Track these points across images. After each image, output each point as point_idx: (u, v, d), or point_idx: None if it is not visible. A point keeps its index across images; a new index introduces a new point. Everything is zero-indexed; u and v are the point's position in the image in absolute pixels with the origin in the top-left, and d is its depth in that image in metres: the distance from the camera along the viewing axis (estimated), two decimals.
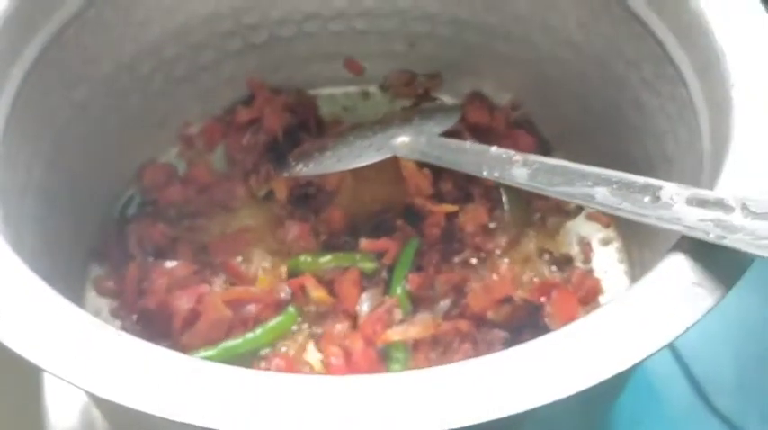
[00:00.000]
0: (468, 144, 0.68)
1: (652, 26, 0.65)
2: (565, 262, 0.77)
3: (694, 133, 0.60)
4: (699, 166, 0.58)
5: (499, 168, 0.61)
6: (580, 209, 0.80)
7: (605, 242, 0.78)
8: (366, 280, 0.74)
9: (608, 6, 0.68)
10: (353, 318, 0.72)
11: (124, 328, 0.72)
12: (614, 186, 0.52)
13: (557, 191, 0.56)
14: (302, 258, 0.75)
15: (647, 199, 0.49)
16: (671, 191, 0.48)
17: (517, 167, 0.60)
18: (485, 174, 0.61)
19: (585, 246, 0.78)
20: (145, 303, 0.71)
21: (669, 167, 0.66)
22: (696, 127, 0.60)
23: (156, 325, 0.71)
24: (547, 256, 0.77)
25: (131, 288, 0.73)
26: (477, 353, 0.69)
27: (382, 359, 0.70)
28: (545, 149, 0.82)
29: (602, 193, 0.52)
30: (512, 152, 0.62)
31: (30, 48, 0.62)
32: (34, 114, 0.63)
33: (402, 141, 0.74)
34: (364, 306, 0.72)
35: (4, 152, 0.57)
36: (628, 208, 0.50)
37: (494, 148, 0.64)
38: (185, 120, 0.84)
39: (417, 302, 0.72)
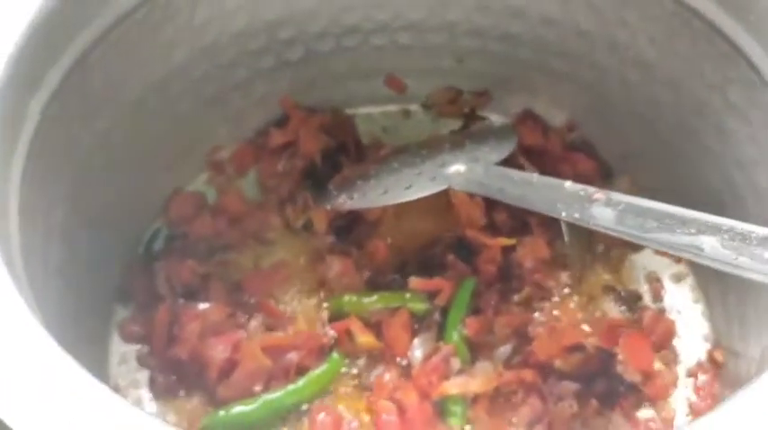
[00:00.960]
0: (536, 176, 0.61)
1: (742, 45, 0.58)
2: (633, 300, 0.70)
3: None
4: None
5: (578, 208, 0.54)
6: None
7: (677, 278, 0.71)
8: (417, 322, 0.68)
9: (688, 23, 0.62)
10: (405, 365, 0.66)
11: (153, 378, 0.66)
12: (725, 236, 0.45)
13: (652, 238, 0.49)
14: (346, 298, 0.69)
15: None
16: None
17: (599, 206, 0.54)
18: (563, 215, 0.55)
19: (655, 283, 0.71)
20: (176, 352, 0.65)
21: (762, 201, 0.60)
22: None
23: (189, 374, 0.65)
24: (613, 294, 0.70)
25: (160, 333, 0.66)
26: (545, 407, 0.63)
27: (438, 412, 0.63)
28: (606, 174, 0.76)
29: (710, 244, 0.45)
30: (591, 188, 0.56)
31: (51, 74, 0.56)
32: (54, 150, 0.57)
33: (456, 170, 0.68)
34: (417, 352, 0.66)
35: (24, 200, 0.51)
36: (747, 264, 0.43)
37: (568, 183, 0.57)
38: (215, 145, 0.77)
39: (475, 348, 0.66)
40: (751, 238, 0.44)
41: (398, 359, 0.66)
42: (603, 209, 0.53)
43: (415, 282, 0.68)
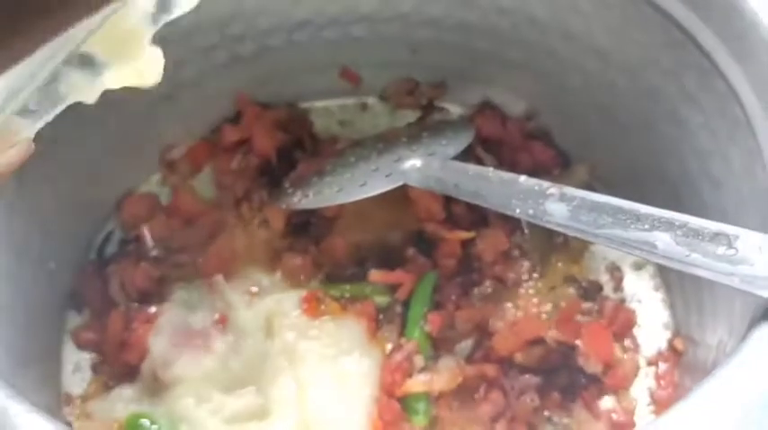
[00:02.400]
0: (491, 171, 0.60)
1: (695, 33, 0.58)
2: (594, 290, 0.70)
3: (752, 157, 0.53)
4: (764, 197, 0.51)
5: (532, 204, 0.54)
6: None
7: (637, 266, 0.71)
8: (378, 315, 0.67)
9: (640, 10, 0.61)
10: None
11: (108, 386, 0.64)
12: (678, 232, 0.45)
13: (605, 235, 0.48)
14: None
15: (720, 250, 0.42)
16: (752, 241, 0.41)
17: (553, 202, 0.53)
18: (517, 212, 0.54)
19: (615, 272, 0.71)
20: (127, 358, 0.64)
21: (717, 191, 0.59)
22: (755, 150, 0.53)
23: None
24: (574, 285, 0.70)
25: (113, 339, 0.65)
26: (507, 402, 0.62)
27: (404, 408, 0.63)
28: (565, 163, 0.75)
29: (664, 241, 0.45)
30: (545, 183, 0.55)
31: None
32: None
33: (412, 165, 0.66)
34: None
35: None
36: (699, 261, 0.43)
37: (523, 178, 0.57)
38: (167, 144, 0.75)
39: (437, 343, 0.65)
40: (704, 234, 0.43)
41: None
42: (557, 204, 0.52)
43: (375, 274, 0.67)
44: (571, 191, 0.53)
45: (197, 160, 0.76)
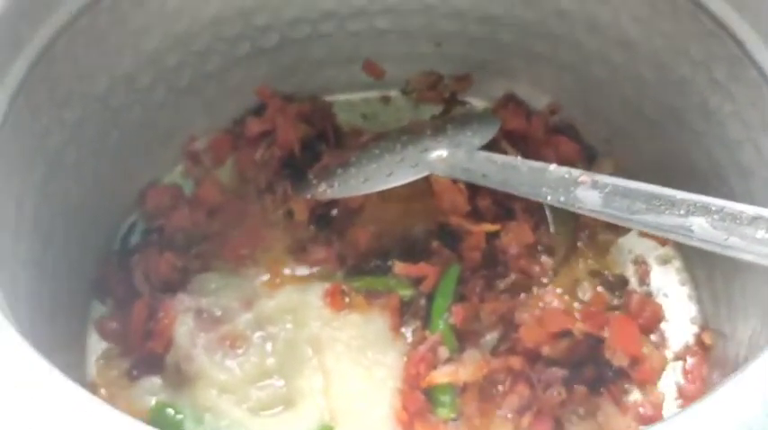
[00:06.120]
0: (520, 160, 0.59)
1: (727, 22, 0.57)
2: (620, 284, 0.69)
3: None
4: None
5: (563, 191, 0.53)
6: None
7: (663, 261, 0.71)
8: (403, 308, 0.67)
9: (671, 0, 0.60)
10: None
11: (131, 376, 0.64)
12: (715, 217, 0.44)
13: (640, 220, 0.48)
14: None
15: (760, 233, 0.42)
16: None
17: (584, 189, 0.53)
18: (548, 199, 0.53)
19: (641, 266, 0.70)
20: (152, 346, 0.63)
21: (747, 181, 0.59)
22: None
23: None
24: (599, 279, 0.69)
25: (137, 328, 0.65)
26: (533, 394, 0.62)
27: (429, 400, 0.62)
28: (590, 157, 0.75)
29: (700, 225, 0.44)
30: (576, 171, 0.54)
31: (16, 65, 0.54)
32: (23, 140, 0.55)
33: (438, 156, 0.66)
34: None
35: None
36: (738, 245, 0.42)
37: (553, 166, 0.56)
38: (191, 135, 0.75)
39: (462, 336, 0.65)
40: (741, 218, 0.43)
41: None
42: (589, 191, 0.52)
43: (399, 266, 0.67)
44: (603, 178, 0.52)
45: (220, 152, 0.76)
